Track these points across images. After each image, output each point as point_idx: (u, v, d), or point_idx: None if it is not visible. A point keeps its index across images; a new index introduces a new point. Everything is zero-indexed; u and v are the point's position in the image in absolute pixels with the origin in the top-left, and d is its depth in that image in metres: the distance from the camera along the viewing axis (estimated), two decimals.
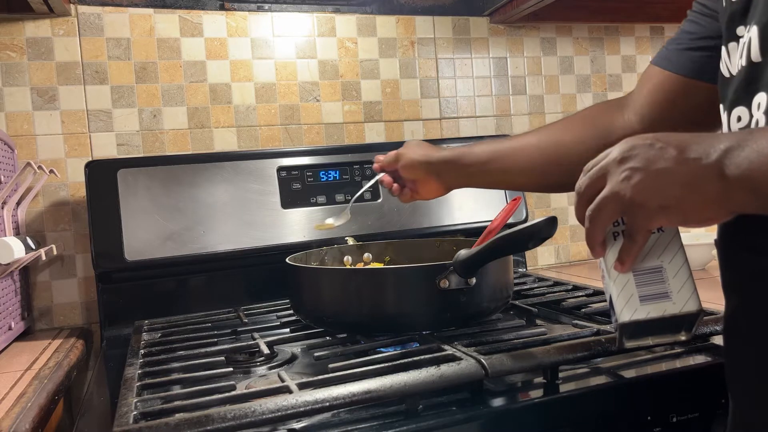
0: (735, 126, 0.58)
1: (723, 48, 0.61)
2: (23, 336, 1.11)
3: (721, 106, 0.61)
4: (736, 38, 0.59)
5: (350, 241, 1.13)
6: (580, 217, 0.57)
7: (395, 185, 0.98)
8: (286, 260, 0.94)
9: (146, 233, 1.09)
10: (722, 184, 0.48)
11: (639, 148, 0.53)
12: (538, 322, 0.96)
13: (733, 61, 0.59)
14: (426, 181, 0.94)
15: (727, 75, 0.60)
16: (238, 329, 0.97)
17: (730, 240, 0.60)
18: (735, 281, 0.60)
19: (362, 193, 1.10)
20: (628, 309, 0.56)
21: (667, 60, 0.76)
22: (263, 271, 1.18)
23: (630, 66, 1.63)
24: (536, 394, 0.68)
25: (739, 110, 0.57)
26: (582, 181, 0.57)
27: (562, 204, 1.56)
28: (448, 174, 0.92)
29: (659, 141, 0.52)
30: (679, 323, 0.57)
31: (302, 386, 0.63)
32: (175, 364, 0.77)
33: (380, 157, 1.00)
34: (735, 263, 0.60)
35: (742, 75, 0.57)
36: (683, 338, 0.58)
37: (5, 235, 0.99)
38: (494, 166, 0.88)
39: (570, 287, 1.10)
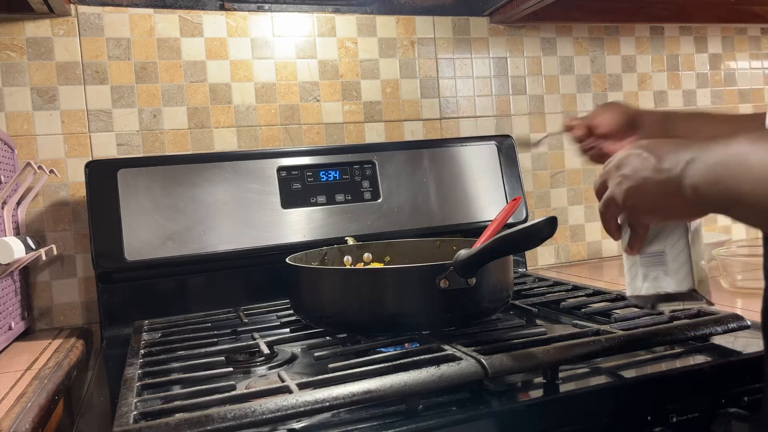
0: None
1: None
2: (23, 336, 1.11)
3: None
4: None
5: (350, 241, 1.13)
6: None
7: (584, 143, 0.98)
8: (286, 260, 0.94)
9: (146, 233, 1.09)
10: (683, 193, 0.56)
11: (631, 157, 0.61)
12: (538, 322, 0.96)
13: None
14: (623, 135, 0.94)
15: None
16: (238, 329, 0.97)
17: None
18: None
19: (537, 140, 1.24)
20: (631, 286, 0.70)
21: None
22: (263, 271, 1.18)
23: (630, 66, 1.63)
24: (536, 394, 0.68)
25: None
26: (595, 181, 0.68)
27: (562, 204, 1.56)
28: (652, 129, 0.92)
29: (646, 150, 0.60)
30: (686, 296, 0.67)
31: (302, 386, 0.63)
32: (175, 364, 0.77)
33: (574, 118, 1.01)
34: None
35: None
36: (703, 305, 0.69)
37: (5, 235, 0.99)
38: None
39: (570, 287, 1.10)
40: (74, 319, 1.20)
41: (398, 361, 0.69)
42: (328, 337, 0.88)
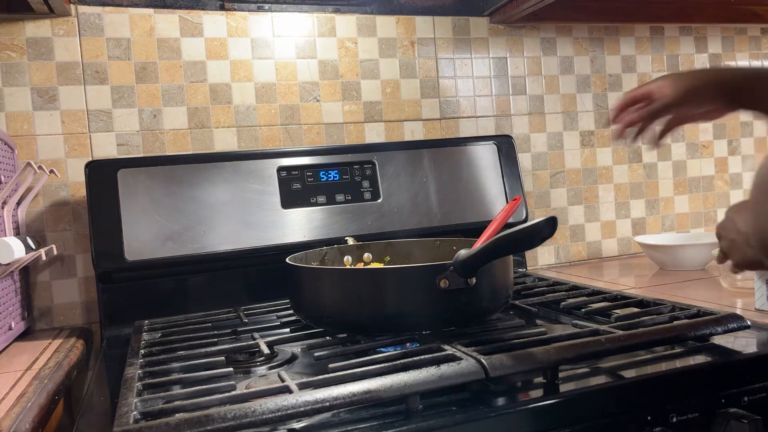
0: None
1: None
2: (23, 336, 1.11)
3: None
4: None
5: (350, 241, 1.13)
6: None
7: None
8: (286, 260, 0.94)
9: (146, 233, 1.09)
10: (752, 250, 0.68)
11: (726, 220, 0.79)
12: (538, 322, 0.96)
13: None
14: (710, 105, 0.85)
15: None
16: (238, 329, 0.97)
17: None
18: None
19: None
20: (758, 301, 0.98)
21: None
22: (263, 271, 1.18)
23: (630, 66, 1.63)
24: (536, 394, 0.68)
25: None
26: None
27: (562, 204, 1.56)
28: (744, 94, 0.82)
29: (732, 211, 0.77)
30: None
31: (302, 386, 0.63)
32: (175, 364, 0.77)
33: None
34: None
35: None
36: None
37: (5, 235, 0.99)
38: None
39: (570, 287, 1.10)
40: (74, 319, 1.20)
41: (398, 361, 0.69)
42: (328, 337, 0.88)
